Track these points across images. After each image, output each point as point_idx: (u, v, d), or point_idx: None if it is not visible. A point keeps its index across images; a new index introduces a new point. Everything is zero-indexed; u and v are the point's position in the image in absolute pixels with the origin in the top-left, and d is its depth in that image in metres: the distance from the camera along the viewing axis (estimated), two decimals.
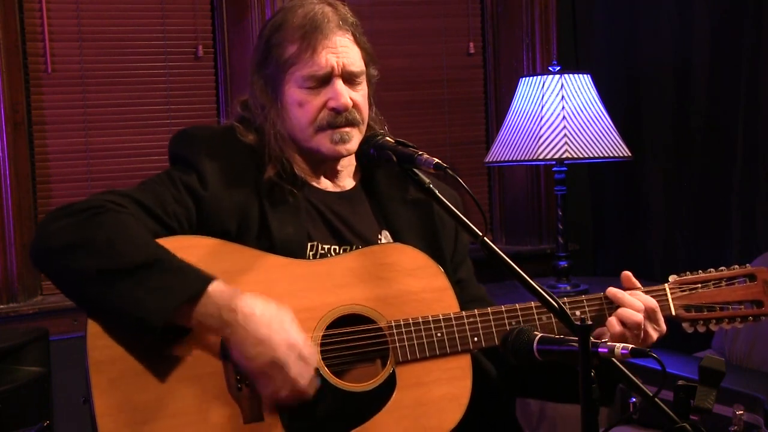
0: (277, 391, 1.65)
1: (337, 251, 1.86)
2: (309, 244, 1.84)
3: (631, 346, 1.42)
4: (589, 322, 1.38)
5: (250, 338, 1.63)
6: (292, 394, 1.66)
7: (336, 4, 1.90)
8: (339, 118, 1.85)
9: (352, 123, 1.86)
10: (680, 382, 1.50)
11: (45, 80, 3.37)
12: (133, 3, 3.51)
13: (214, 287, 1.64)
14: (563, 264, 3.49)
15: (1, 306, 3.24)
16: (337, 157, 1.90)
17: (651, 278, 3.77)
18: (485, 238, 1.64)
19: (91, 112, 3.45)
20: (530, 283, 1.59)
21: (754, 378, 2.68)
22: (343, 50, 1.85)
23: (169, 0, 3.55)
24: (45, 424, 2.79)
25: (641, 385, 1.50)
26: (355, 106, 1.87)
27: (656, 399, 1.47)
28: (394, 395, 1.75)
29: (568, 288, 3.41)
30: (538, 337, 1.55)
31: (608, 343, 1.42)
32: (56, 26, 3.39)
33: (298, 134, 1.88)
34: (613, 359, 1.44)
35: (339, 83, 1.85)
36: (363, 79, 1.90)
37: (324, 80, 1.85)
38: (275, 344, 1.63)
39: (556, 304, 1.59)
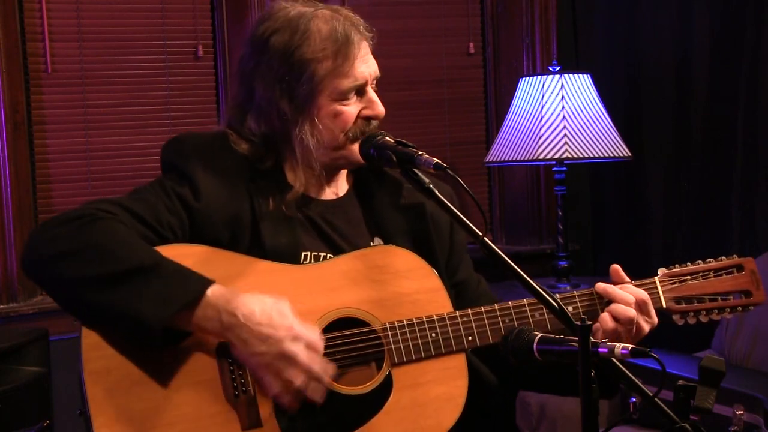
0: (290, 382, 1.63)
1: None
2: (303, 254, 1.82)
3: (631, 346, 1.42)
4: (589, 322, 1.37)
5: (254, 337, 1.62)
6: (307, 383, 1.64)
7: (343, 9, 1.89)
8: (371, 125, 1.85)
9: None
10: (680, 382, 1.50)
11: (45, 80, 3.37)
12: (133, 3, 3.51)
13: (213, 291, 1.63)
14: (563, 264, 3.48)
15: (1, 306, 3.24)
16: (362, 165, 1.89)
17: (651, 278, 3.78)
18: (485, 238, 1.63)
19: (91, 112, 3.45)
20: (530, 283, 1.59)
21: (754, 378, 2.68)
22: (368, 57, 1.86)
23: (169, 0, 3.55)
24: (45, 424, 2.79)
25: (641, 385, 1.50)
26: None
27: (656, 399, 1.47)
28: (391, 397, 1.75)
29: (568, 288, 3.40)
30: (538, 337, 1.55)
31: (608, 343, 1.42)
32: (56, 26, 3.38)
33: (327, 144, 1.84)
34: (613, 359, 1.44)
35: (372, 92, 1.86)
36: None
37: (360, 91, 1.85)
38: (280, 338, 1.62)
39: (556, 305, 1.58)
